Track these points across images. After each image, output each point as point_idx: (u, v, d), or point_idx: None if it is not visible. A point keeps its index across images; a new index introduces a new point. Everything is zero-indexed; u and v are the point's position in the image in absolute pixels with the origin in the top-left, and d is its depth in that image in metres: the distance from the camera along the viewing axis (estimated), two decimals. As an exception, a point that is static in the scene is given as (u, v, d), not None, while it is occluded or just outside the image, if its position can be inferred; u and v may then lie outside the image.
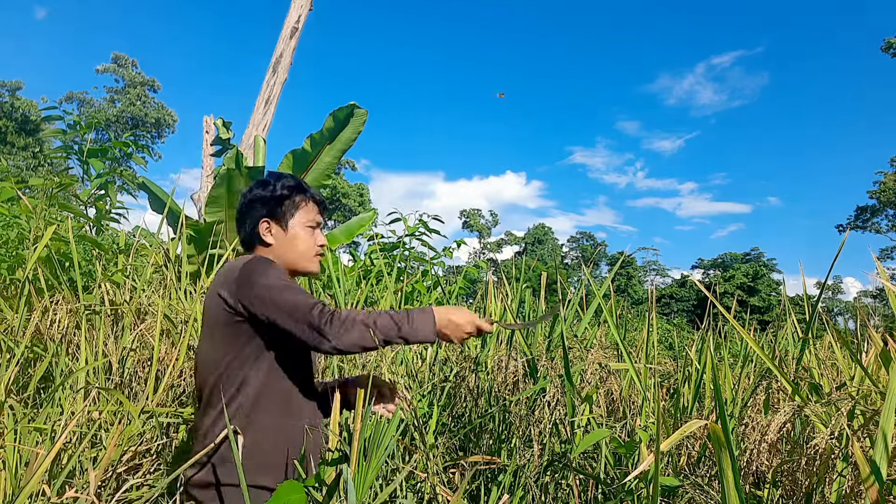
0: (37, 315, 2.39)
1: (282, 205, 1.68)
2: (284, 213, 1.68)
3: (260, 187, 1.71)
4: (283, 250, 1.68)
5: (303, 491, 1.15)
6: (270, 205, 1.68)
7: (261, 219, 1.68)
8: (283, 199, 1.68)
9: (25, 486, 1.49)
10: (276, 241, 1.68)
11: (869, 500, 1.26)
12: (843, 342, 2.43)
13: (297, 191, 1.70)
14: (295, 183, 1.72)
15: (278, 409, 1.55)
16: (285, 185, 1.70)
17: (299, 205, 1.70)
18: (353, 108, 5.54)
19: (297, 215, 1.69)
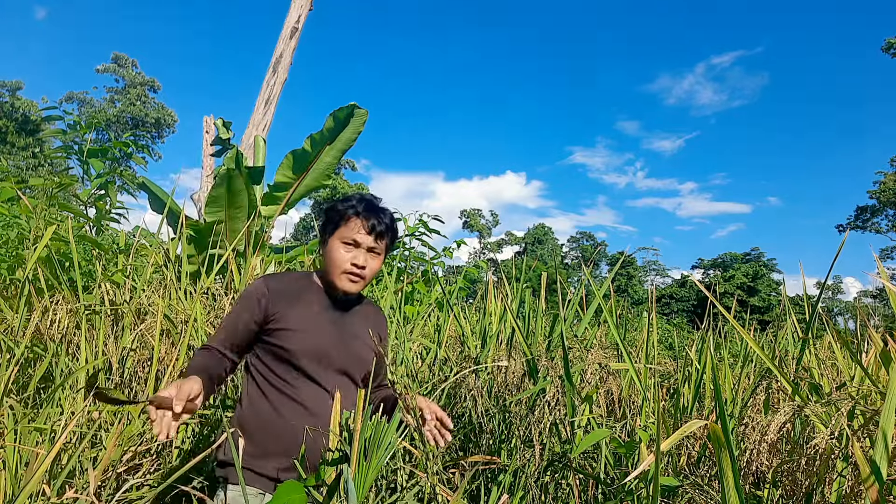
0: (37, 315, 2.39)
1: (329, 222, 1.80)
2: (328, 227, 1.80)
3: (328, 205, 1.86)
4: (325, 265, 1.81)
5: (303, 491, 1.15)
6: (323, 222, 1.82)
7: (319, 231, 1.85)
8: (331, 215, 1.79)
9: (25, 486, 1.49)
10: (323, 256, 1.81)
11: (869, 500, 1.26)
12: (843, 342, 2.43)
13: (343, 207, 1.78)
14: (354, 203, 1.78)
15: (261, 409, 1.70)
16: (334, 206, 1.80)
17: (340, 222, 1.77)
18: (354, 109, 5.54)
19: (337, 232, 1.77)
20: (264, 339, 1.73)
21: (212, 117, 7.22)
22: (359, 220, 1.76)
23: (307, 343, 1.72)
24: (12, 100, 35.43)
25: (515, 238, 62.34)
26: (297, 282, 1.82)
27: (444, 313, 3.61)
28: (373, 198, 1.83)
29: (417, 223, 5.70)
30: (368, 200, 1.80)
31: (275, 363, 1.72)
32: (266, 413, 1.67)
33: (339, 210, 1.78)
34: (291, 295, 1.76)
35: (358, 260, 1.75)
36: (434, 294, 4.95)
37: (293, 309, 1.74)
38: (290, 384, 1.69)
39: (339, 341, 1.78)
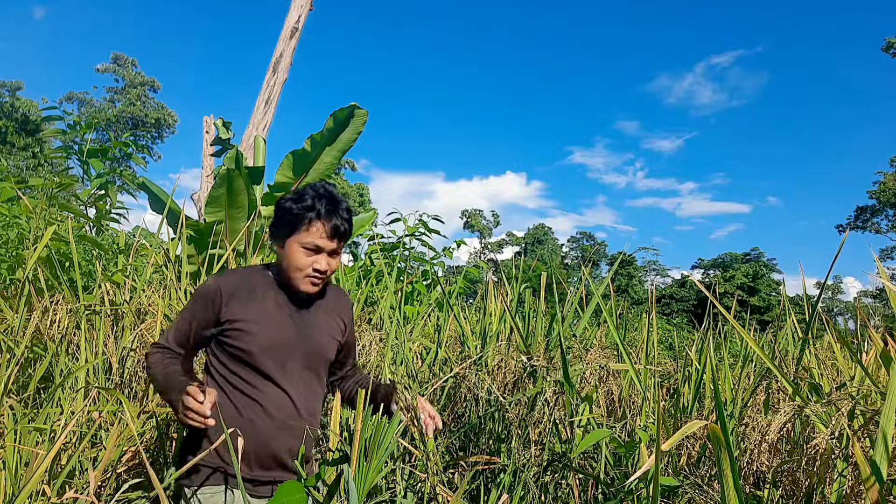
0: (37, 315, 2.39)
1: (285, 223, 1.71)
2: (285, 229, 1.72)
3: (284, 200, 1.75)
4: (282, 265, 1.75)
5: (303, 491, 1.15)
6: (279, 220, 1.73)
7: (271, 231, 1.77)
8: (287, 217, 1.70)
9: (25, 486, 1.49)
10: (279, 255, 1.76)
11: (869, 500, 1.26)
12: (843, 342, 2.43)
13: (303, 211, 1.69)
14: (310, 203, 1.69)
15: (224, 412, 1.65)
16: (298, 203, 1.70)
17: (299, 226, 1.69)
18: (354, 109, 5.54)
19: (295, 236, 1.70)
20: (221, 339, 1.69)
21: (212, 117, 7.22)
22: (320, 224, 1.68)
23: (266, 343, 1.67)
24: (12, 100, 35.43)
25: (516, 238, 62.33)
26: (251, 278, 1.76)
27: (444, 313, 3.61)
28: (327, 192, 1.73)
29: (417, 223, 5.70)
30: (326, 198, 1.71)
31: (234, 364, 1.68)
32: (230, 417, 1.62)
33: (297, 213, 1.68)
34: (245, 293, 1.71)
35: (320, 265, 1.71)
36: (434, 294, 4.95)
37: (248, 308, 1.69)
38: (253, 385, 1.66)
39: (300, 337, 1.73)
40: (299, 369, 1.73)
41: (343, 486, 1.21)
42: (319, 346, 1.78)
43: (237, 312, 1.67)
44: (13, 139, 33.19)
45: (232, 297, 1.69)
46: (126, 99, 44.06)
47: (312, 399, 1.77)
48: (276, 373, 1.68)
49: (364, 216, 6.27)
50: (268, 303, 1.72)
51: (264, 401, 1.65)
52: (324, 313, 1.82)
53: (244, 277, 1.76)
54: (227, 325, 1.67)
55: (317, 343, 1.78)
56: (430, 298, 4.85)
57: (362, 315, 3.79)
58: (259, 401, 1.65)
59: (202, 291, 1.72)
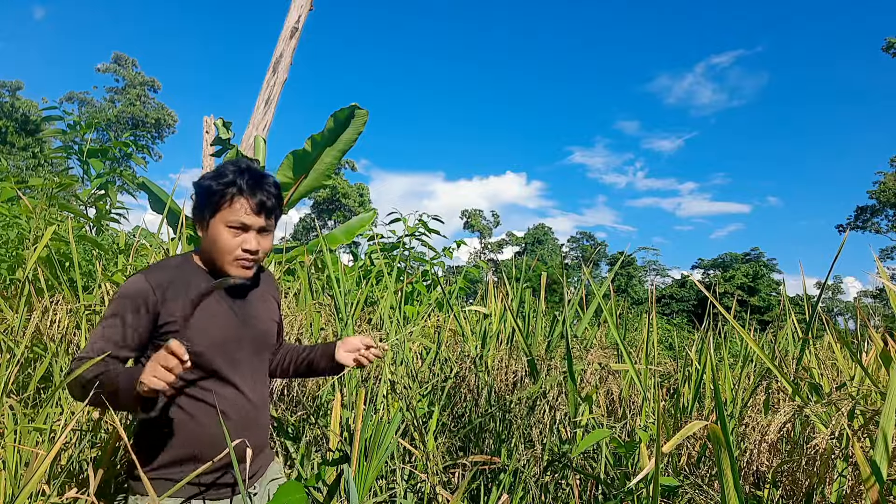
0: (37, 315, 2.39)
1: (205, 203, 1.56)
2: (207, 209, 1.56)
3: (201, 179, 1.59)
4: (207, 248, 1.60)
5: (303, 491, 1.15)
6: (199, 201, 1.57)
7: (193, 218, 1.60)
8: (207, 196, 1.55)
9: (25, 486, 1.49)
10: (203, 239, 1.60)
11: (870, 500, 1.26)
12: (843, 342, 2.43)
13: (222, 187, 1.53)
14: (214, 175, 1.56)
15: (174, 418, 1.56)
16: (217, 180, 1.55)
17: (221, 204, 1.54)
18: (354, 109, 5.54)
19: (218, 215, 1.55)
20: (160, 341, 1.52)
21: (212, 117, 7.23)
22: (243, 199, 1.53)
23: (213, 340, 1.54)
24: (12, 100, 35.44)
25: (516, 238, 62.31)
26: (180, 270, 1.59)
27: (444, 313, 3.62)
28: (249, 166, 1.59)
29: (417, 223, 5.70)
30: (248, 172, 1.56)
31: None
32: (182, 424, 1.51)
33: (217, 190, 1.53)
34: (178, 287, 1.54)
35: (250, 245, 1.56)
36: (434, 294, 4.95)
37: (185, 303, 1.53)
38: (202, 387, 1.54)
39: (243, 328, 1.62)
40: (248, 361, 1.63)
41: (343, 485, 1.21)
42: (264, 334, 1.69)
43: (175, 311, 1.51)
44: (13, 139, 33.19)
45: (166, 295, 1.52)
46: (126, 99, 44.06)
47: (262, 388, 1.69)
48: (226, 369, 1.57)
49: (364, 216, 6.27)
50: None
51: (218, 402, 1.54)
52: (260, 298, 1.71)
53: (173, 270, 1.58)
54: (167, 327, 1.51)
55: (261, 331, 1.69)
56: (430, 298, 4.85)
57: (362, 315, 3.79)
58: (212, 403, 1.54)
59: (129, 292, 1.50)
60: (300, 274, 4.09)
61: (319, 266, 4.72)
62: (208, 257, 1.60)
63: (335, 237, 5.93)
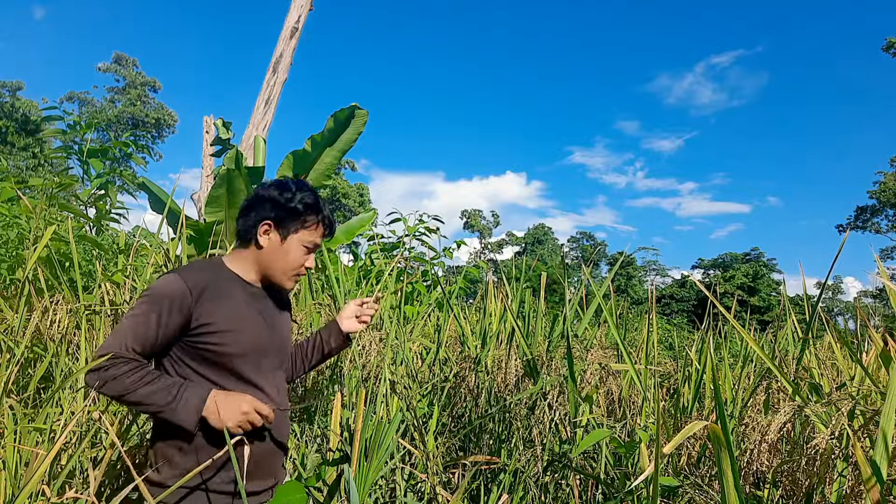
0: (37, 315, 2.39)
1: (291, 217, 1.66)
2: (290, 224, 1.66)
3: (278, 189, 1.67)
4: (270, 258, 1.66)
5: (303, 490, 1.15)
6: (281, 213, 1.65)
7: (265, 220, 1.65)
8: (295, 213, 1.65)
9: (25, 487, 1.49)
10: (268, 247, 1.66)
11: (870, 500, 1.26)
12: (843, 342, 2.43)
13: (311, 210, 1.68)
14: (312, 201, 1.69)
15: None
16: (303, 201, 1.66)
17: (307, 224, 1.67)
18: (354, 109, 5.54)
19: (301, 233, 1.67)
20: (190, 342, 1.54)
21: (212, 117, 7.22)
22: (323, 227, 1.71)
23: (244, 344, 1.57)
24: (13, 100, 35.44)
25: (516, 238, 62.31)
26: (214, 275, 1.62)
27: (444, 313, 3.61)
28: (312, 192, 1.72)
29: (417, 223, 5.70)
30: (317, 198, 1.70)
31: (206, 368, 1.55)
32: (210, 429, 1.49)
33: (302, 213, 1.66)
34: (213, 290, 1.57)
35: (311, 263, 1.70)
36: (434, 294, 4.95)
37: (220, 307, 1.56)
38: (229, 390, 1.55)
39: (270, 333, 1.67)
40: (271, 366, 1.67)
41: (343, 485, 1.21)
42: (286, 341, 1.75)
43: (211, 313, 1.54)
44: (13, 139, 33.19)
45: (203, 296, 1.54)
46: (127, 99, 44.07)
47: (285, 394, 1.73)
48: (254, 374, 1.60)
49: (364, 216, 6.27)
50: (238, 301, 1.61)
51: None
52: (280, 306, 1.77)
53: (207, 272, 1.61)
54: (200, 328, 1.53)
55: (285, 339, 1.74)
56: (430, 298, 4.85)
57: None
58: None
59: (166, 291, 1.51)
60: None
61: (319, 266, 4.73)
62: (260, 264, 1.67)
63: (335, 237, 5.94)
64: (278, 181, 1.72)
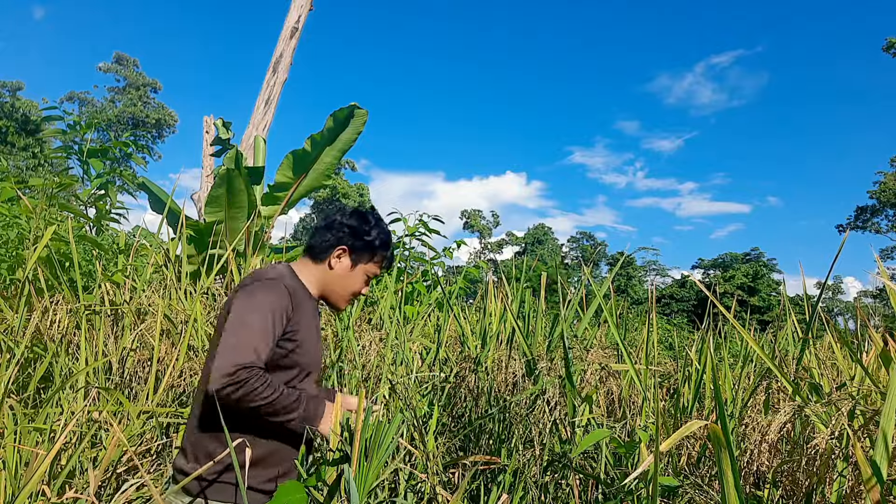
0: (37, 315, 2.39)
1: (366, 249, 1.77)
2: (362, 256, 1.77)
3: (359, 220, 1.78)
4: (336, 280, 1.76)
5: (304, 491, 1.15)
6: (358, 242, 1.76)
7: (342, 245, 1.75)
8: (371, 247, 1.77)
9: (25, 486, 1.49)
10: (338, 270, 1.76)
11: (870, 500, 1.26)
12: (843, 342, 2.43)
13: (385, 248, 1.81)
14: (387, 239, 1.82)
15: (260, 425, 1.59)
16: (380, 238, 1.79)
17: (375, 258, 1.80)
18: (354, 109, 5.54)
19: (369, 265, 1.79)
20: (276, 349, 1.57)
21: (212, 117, 7.22)
22: (385, 263, 1.83)
23: (311, 355, 1.65)
24: (13, 100, 35.44)
25: (516, 238, 62.29)
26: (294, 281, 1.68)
27: (444, 313, 3.61)
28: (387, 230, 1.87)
29: (417, 223, 5.70)
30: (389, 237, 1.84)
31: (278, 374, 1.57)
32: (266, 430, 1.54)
33: (377, 248, 1.78)
34: (298, 299, 1.63)
35: (367, 291, 1.83)
36: (434, 294, 4.95)
37: (303, 317, 1.62)
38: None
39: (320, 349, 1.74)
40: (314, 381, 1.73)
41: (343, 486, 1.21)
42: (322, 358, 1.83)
43: (297, 322, 1.59)
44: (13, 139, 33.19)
45: (294, 303, 1.60)
46: (127, 99, 44.07)
47: None
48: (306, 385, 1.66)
49: (364, 216, 6.26)
50: (309, 315, 1.67)
51: None
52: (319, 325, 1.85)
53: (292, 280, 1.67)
54: (287, 335, 1.57)
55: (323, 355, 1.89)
56: (430, 298, 4.85)
57: (362, 315, 3.79)
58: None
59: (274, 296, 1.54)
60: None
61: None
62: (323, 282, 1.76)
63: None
64: (360, 212, 1.84)
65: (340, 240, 1.74)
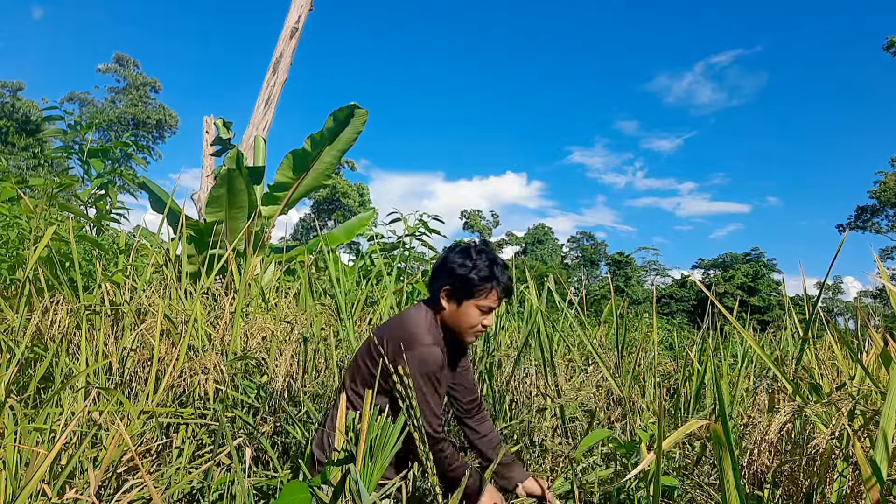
0: (37, 315, 2.39)
1: (465, 286, 1.85)
2: (464, 293, 1.85)
3: (460, 257, 1.88)
4: (450, 318, 1.89)
5: (307, 490, 1.15)
6: (457, 281, 1.85)
7: (445, 287, 1.88)
8: (470, 283, 1.84)
9: (26, 486, 1.49)
10: (448, 310, 1.89)
11: (870, 500, 1.26)
12: (843, 342, 2.43)
13: (485, 281, 1.85)
14: (488, 272, 1.85)
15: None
16: (479, 274, 1.84)
17: (480, 293, 1.85)
18: (354, 109, 5.54)
19: (475, 299, 1.85)
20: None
21: (212, 117, 7.22)
22: (498, 293, 1.87)
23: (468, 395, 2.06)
24: (13, 100, 35.43)
25: (516, 238, 62.27)
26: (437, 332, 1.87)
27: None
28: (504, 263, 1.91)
29: (417, 223, 5.70)
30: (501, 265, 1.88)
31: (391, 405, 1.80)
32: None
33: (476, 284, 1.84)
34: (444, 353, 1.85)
35: (489, 323, 1.89)
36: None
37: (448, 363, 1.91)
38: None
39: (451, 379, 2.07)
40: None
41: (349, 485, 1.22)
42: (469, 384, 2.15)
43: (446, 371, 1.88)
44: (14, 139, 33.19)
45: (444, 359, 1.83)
46: (128, 99, 44.07)
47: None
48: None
49: (363, 216, 6.27)
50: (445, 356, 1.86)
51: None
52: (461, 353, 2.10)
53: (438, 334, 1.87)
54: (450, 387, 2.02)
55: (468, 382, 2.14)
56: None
57: (362, 315, 3.79)
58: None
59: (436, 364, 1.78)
60: (300, 274, 4.09)
61: (319, 266, 4.73)
62: (448, 323, 1.91)
63: (335, 237, 5.93)
64: (463, 249, 1.92)
65: (443, 281, 1.87)
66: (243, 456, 1.97)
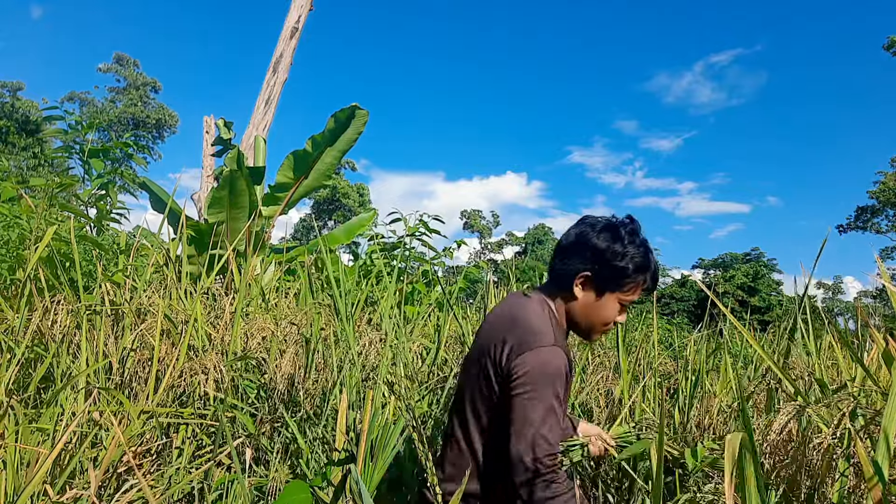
0: (37, 315, 2.39)
1: (615, 276, 1.52)
2: (610, 283, 1.52)
3: (608, 238, 1.52)
4: (583, 310, 1.55)
5: (308, 490, 1.15)
6: (603, 268, 1.51)
7: (584, 271, 1.52)
8: (622, 273, 1.51)
9: (27, 487, 1.49)
10: (582, 300, 1.55)
11: (872, 501, 1.26)
12: (843, 342, 2.43)
13: (640, 271, 1.53)
14: (642, 261, 1.52)
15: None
16: (633, 260, 1.51)
17: (629, 285, 1.53)
18: (355, 109, 5.54)
19: (621, 292, 1.54)
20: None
21: (212, 117, 7.22)
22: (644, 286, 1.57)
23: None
24: (13, 100, 35.44)
25: (516, 238, 62.26)
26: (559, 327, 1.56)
27: (444, 313, 3.61)
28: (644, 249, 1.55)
29: (417, 223, 5.70)
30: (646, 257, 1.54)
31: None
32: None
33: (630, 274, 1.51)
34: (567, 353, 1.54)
35: (623, 318, 1.58)
36: (434, 294, 4.95)
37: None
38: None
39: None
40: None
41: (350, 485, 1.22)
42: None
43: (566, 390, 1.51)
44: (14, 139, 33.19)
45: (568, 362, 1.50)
46: (128, 99, 44.08)
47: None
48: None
49: (364, 216, 6.27)
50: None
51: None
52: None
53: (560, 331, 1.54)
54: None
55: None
56: (430, 298, 4.85)
57: (362, 315, 3.79)
58: None
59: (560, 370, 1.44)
60: (300, 274, 4.09)
61: (319, 266, 4.73)
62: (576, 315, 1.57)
63: (335, 237, 5.94)
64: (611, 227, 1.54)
65: (583, 265, 1.51)
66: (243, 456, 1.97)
